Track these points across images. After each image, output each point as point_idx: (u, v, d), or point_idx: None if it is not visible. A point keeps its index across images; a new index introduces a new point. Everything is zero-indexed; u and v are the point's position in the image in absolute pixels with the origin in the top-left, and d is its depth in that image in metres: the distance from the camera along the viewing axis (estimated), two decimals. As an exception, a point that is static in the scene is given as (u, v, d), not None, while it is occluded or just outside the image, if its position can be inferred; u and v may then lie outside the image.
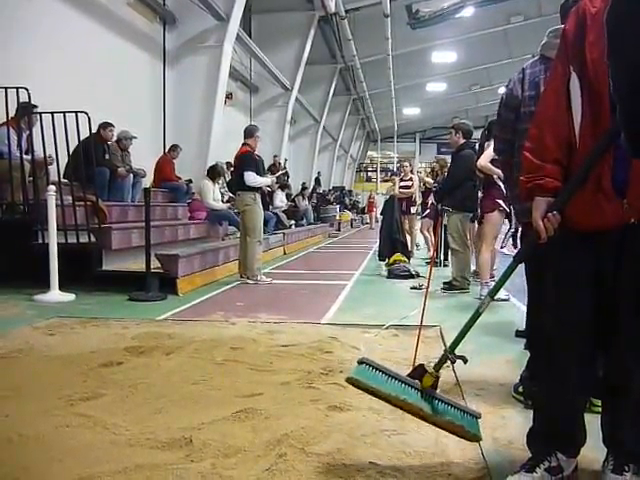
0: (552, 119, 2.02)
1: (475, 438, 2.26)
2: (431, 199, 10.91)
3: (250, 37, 15.95)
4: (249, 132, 8.01)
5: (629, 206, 1.88)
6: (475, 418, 2.28)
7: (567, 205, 1.96)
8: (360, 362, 2.25)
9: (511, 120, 3.06)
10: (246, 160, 7.73)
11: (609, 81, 1.79)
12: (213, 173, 10.36)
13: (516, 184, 2.91)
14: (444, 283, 6.92)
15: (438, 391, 2.26)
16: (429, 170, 13.79)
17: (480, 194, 6.31)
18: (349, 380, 2.20)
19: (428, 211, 10.95)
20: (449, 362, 2.27)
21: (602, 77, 1.84)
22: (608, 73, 1.79)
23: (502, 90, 3.47)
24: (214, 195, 10.20)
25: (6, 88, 6.45)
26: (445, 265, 9.25)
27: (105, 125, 8.37)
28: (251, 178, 7.60)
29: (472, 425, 2.24)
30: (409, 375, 2.25)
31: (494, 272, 6.63)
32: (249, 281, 7.66)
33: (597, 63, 1.87)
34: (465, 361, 2.27)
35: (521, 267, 2.77)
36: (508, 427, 2.69)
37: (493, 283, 6.31)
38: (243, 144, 7.94)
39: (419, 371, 2.24)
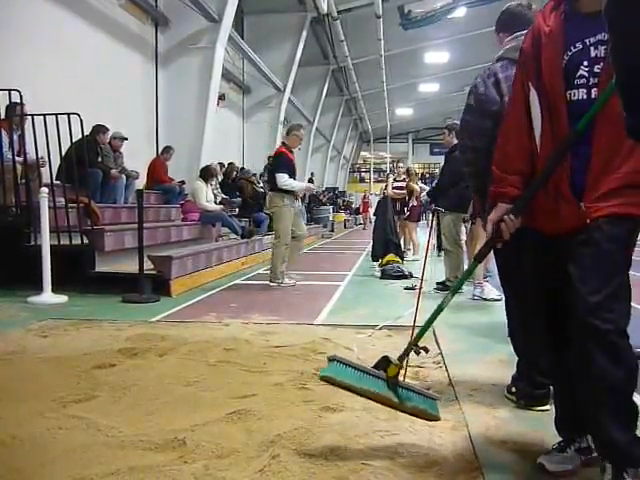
0: (514, 131, 2.19)
1: (435, 418, 2.47)
2: (412, 202, 10.99)
3: (242, 38, 15.96)
4: (286, 130, 7.85)
5: (585, 208, 2.01)
6: (435, 400, 2.51)
7: (524, 210, 2.12)
8: (331, 359, 2.41)
9: (487, 128, 2.79)
10: (279, 161, 7.48)
11: (564, 94, 2.00)
12: (206, 174, 10.35)
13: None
14: (437, 283, 6.93)
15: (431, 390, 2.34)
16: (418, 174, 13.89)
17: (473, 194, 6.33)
18: (323, 378, 2.34)
19: (409, 213, 11.02)
20: (414, 353, 2.45)
21: (557, 90, 2.02)
22: (562, 88, 2.00)
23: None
24: (207, 196, 10.18)
25: (-3, 90, 6.46)
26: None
27: (104, 130, 8.40)
28: (282, 180, 7.27)
29: (432, 407, 2.46)
30: (374, 366, 2.39)
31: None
32: (271, 284, 7.41)
33: (552, 78, 2.04)
34: (427, 351, 2.47)
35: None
36: (501, 427, 2.69)
37: (487, 284, 6.35)
38: (282, 143, 7.78)
39: (383, 362, 2.39)
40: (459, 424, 2.71)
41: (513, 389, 3.04)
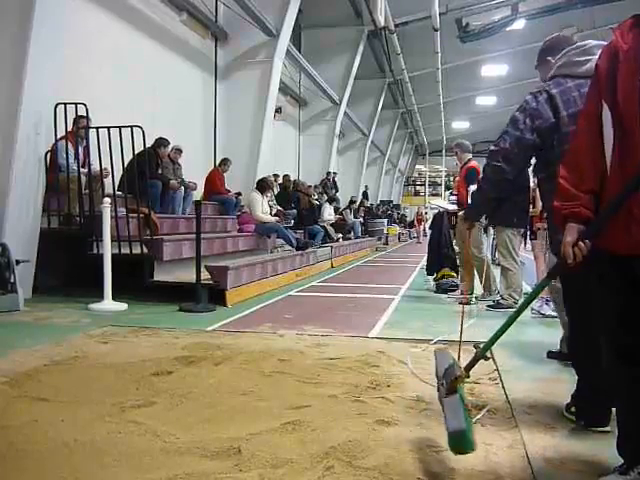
0: (587, 150, 2.12)
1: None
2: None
3: (300, 52, 16.14)
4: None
5: None
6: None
7: (598, 235, 2.04)
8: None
9: (534, 142, 2.99)
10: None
11: (639, 114, 1.91)
12: (262, 186, 10.47)
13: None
14: (491, 303, 6.74)
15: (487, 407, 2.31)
16: None
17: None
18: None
19: None
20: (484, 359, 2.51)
21: (632, 111, 1.95)
22: (637, 106, 1.91)
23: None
24: (263, 208, 10.30)
25: (65, 104, 6.69)
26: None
27: (166, 143, 8.60)
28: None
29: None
30: (447, 393, 2.41)
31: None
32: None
33: (628, 97, 1.97)
34: (487, 358, 2.53)
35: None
36: (560, 447, 2.62)
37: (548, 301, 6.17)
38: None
39: (454, 385, 2.42)
40: (516, 443, 2.65)
41: (572, 408, 2.96)
